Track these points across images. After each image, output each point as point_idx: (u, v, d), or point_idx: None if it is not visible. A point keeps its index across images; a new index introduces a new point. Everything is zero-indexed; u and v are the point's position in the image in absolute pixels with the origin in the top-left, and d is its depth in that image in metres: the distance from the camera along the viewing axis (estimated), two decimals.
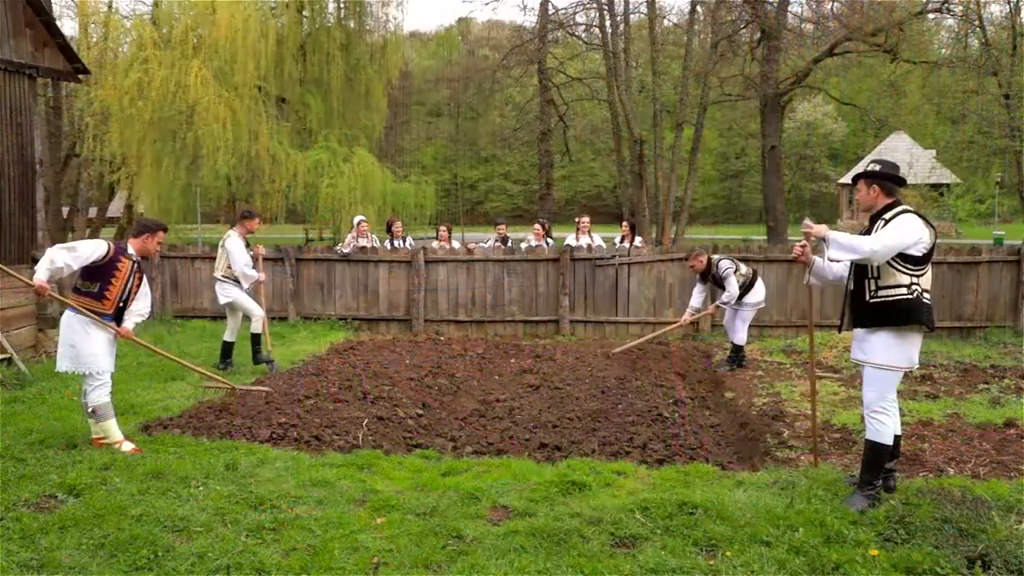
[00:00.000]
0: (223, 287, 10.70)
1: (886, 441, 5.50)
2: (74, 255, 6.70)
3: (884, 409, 5.51)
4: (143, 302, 7.17)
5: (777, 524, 5.03)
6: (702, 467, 6.47)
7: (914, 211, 5.48)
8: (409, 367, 10.86)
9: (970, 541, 4.68)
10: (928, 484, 5.80)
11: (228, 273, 10.65)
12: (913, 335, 5.49)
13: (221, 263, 10.68)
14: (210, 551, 4.67)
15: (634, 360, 11.79)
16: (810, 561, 4.56)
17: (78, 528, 4.99)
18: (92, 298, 6.87)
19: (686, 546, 4.80)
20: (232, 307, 10.79)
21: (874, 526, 5.02)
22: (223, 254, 10.65)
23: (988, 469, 6.41)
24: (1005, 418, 7.87)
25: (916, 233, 5.33)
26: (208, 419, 7.84)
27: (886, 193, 5.59)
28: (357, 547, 4.79)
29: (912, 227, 5.34)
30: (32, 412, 8.04)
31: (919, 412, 8.15)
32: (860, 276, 5.56)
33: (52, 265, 6.59)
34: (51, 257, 6.60)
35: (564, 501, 5.58)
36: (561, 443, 7.46)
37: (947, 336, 13.48)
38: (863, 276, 5.53)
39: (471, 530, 5.02)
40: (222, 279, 10.67)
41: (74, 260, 6.71)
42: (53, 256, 6.61)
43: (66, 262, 6.66)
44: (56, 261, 6.60)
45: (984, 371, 10.48)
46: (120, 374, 9.18)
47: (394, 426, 7.97)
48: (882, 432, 5.50)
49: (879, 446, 5.50)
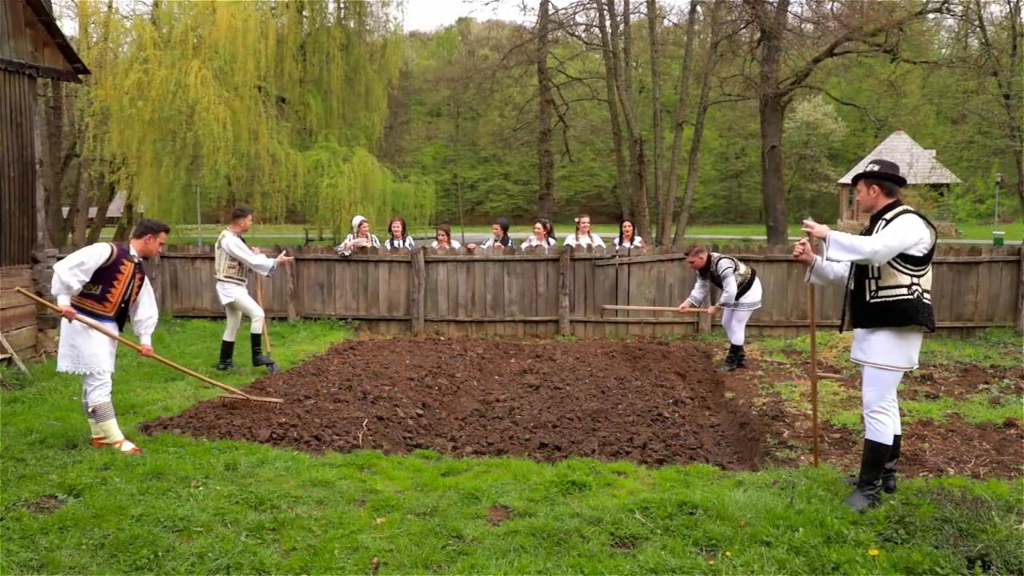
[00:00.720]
0: (224, 287, 10.69)
1: (886, 441, 5.50)
2: (84, 269, 6.73)
3: (884, 409, 5.51)
4: (150, 309, 7.19)
5: (777, 524, 5.03)
6: (702, 467, 6.47)
7: (915, 211, 5.47)
8: (409, 367, 10.85)
9: (970, 541, 4.68)
10: (928, 484, 5.80)
11: (229, 274, 10.65)
12: (913, 335, 5.49)
13: (221, 264, 10.68)
14: (210, 551, 4.67)
15: (634, 360, 11.78)
16: (810, 561, 4.56)
17: (78, 528, 4.99)
18: (94, 300, 6.87)
19: (686, 546, 4.80)
20: (232, 307, 10.79)
21: (874, 526, 5.02)
22: (221, 255, 10.65)
23: (988, 469, 6.41)
24: (1005, 418, 7.87)
25: (917, 233, 5.33)
26: (208, 419, 7.84)
27: (886, 193, 5.59)
28: (357, 547, 4.79)
29: (913, 227, 5.34)
30: (32, 412, 8.04)
31: (919, 412, 8.15)
32: (861, 276, 5.56)
33: (70, 290, 6.71)
34: (67, 282, 6.68)
35: (564, 501, 5.58)
36: (561, 443, 7.45)
37: (947, 336, 13.48)
38: (863, 276, 5.53)
39: (471, 530, 5.02)
40: (224, 279, 10.67)
41: (86, 274, 6.75)
42: (68, 281, 6.68)
43: (80, 280, 6.73)
44: (73, 284, 6.70)
45: (984, 371, 10.49)
46: (120, 374, 9.18)
47: (394, 426, 7.97)
48: (882, 432, 5.50)
49: (879, 446, 5.50)
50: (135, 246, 7.13)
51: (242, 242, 10.68)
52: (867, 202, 5.64)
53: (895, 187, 5.61)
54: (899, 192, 5.63)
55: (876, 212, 5.60)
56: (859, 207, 5.76)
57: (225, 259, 10.61)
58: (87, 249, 6.89)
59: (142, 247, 7.15)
